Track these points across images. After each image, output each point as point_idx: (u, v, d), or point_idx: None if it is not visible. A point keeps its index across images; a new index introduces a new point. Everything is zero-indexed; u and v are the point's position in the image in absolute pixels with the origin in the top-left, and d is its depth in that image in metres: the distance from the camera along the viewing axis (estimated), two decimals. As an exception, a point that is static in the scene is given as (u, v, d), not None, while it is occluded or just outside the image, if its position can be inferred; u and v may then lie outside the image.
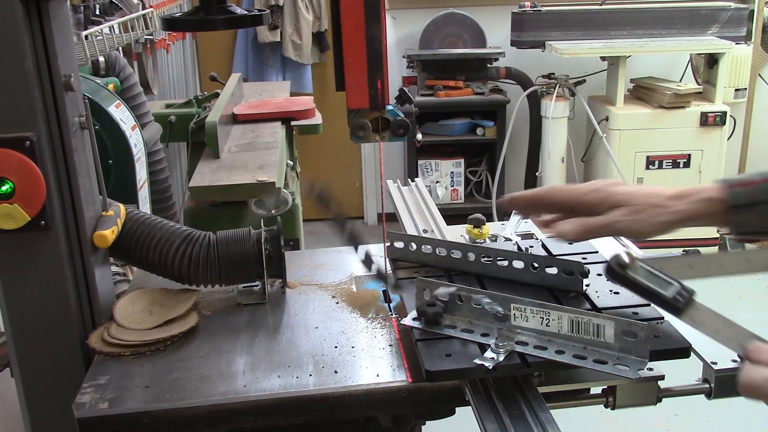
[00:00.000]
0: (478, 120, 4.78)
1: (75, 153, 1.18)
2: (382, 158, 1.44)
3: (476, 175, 5.04)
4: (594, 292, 1.25)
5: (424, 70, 4.73)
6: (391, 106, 1.20)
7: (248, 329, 1.26)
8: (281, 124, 2.83)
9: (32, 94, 1.11)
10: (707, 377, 1.10)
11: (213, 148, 2.42)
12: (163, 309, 1.29)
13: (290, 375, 1.11)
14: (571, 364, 1.05)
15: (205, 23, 1.31)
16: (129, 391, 1.09)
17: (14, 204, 1.12)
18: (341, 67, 1.15)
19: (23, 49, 1.09)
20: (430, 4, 4.93)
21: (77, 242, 1.21)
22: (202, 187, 2.18)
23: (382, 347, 1.18)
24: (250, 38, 5.05)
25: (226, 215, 2.32)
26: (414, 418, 1.21)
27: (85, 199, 1.21)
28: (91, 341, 1.21)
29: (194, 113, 2.86)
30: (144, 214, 1.35)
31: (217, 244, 1.32)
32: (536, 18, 4.49)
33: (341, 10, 1.12)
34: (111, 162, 2.07)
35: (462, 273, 1.35)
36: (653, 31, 4.49)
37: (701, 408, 3.06)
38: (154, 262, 1.32)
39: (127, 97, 2.45)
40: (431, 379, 1.06)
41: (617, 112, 4.38)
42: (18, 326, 1.21)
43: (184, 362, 1.16)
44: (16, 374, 1.23)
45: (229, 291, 1.40)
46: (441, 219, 1.64)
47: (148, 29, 2.81)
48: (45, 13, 1.12)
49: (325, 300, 1.36)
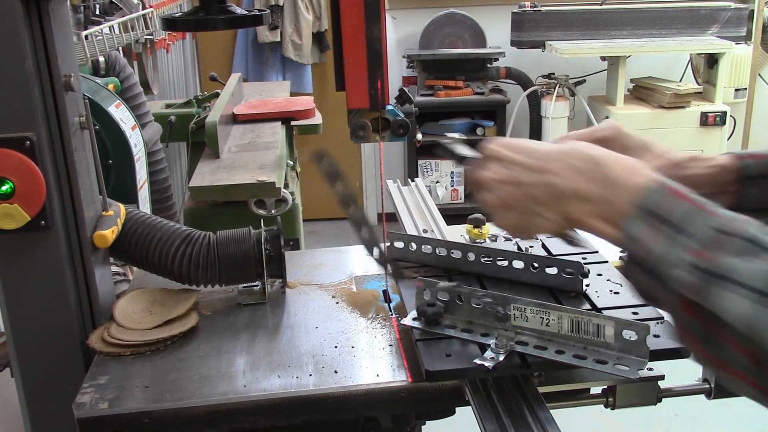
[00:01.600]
0: (478, 120, 4.78)
1: (75, 153, 1.18)
2: (382, 158, 1.44)
3: (476, 175, 5.04)
4: (594, 292, 1.25)
5: (424, 70, 4.73)
6: (391, 106, 1.20)
7: (248, 329, 1.26)
8: (281, 124, 2.83)
9: (32, 94, 1.11)
10: (707, 377, 1.10)
11: (213, 148, 2.42)
12: (163, 309, 1.29)
13: (290, 375, 1.11)
14: (571, 364, 1.04)
15: (205, 23, 1.31)
16: (129, 391, 1.09)
17: (14, 204, 1.12)
18: (341, 67, 1.15)
19: (23, 49, 1.09)
20: (430, 4, 4.93)
21: (77, 242, 1.21)
22: (202, 187, 2.18)
23: (382, 347, 1.18)
24: (250, 38, 5.05)
25: (226, 215, 2.32)
26: (414, 418, 1.21)
27: (85, 199, 1.21)
28: (91, 341, 1.21)
29: (194, 113, 2.86)
30: (144, 214, 1.35)
31: (217, 244, 1.32)
32: (536, 18, 4.49)
33: (341, 10, 1.12)
34: (111, 162, 2.07)
35: (462, 273, 1.35)
36: (653, 31, 4.49)
37: (701, 408, 3.06)
38: (154, 262, 1.32)
39: (127, 97, 2.45)
40: (431, 379, 1.06)
41: (617, 112, 4.38)
42: (18, 326, 1.21)
43: (184, 362, 1.16)
44: (16, 374, 1.23)
45: (229, 291, 1.40)
46: (441, 219, 1.64)
47: (148, 29, 2.81)
48: (45, 13, 1.12)
49: (325, 300, 1.36)
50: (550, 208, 0.91)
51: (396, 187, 1.86)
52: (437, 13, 4.85)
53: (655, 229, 0.78)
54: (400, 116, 1.20)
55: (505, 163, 0.95)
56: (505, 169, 0.95)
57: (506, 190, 0.94)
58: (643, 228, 0.79)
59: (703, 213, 0.76)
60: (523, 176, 0.93)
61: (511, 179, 0.94)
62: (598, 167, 0.87)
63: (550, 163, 0.91)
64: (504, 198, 0.95)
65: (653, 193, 0.81)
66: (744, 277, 0.68)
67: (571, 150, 0.91)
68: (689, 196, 0.79)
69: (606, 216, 0.85)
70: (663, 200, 0.79)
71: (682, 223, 0.76)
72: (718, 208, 0.77)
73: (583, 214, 0.88)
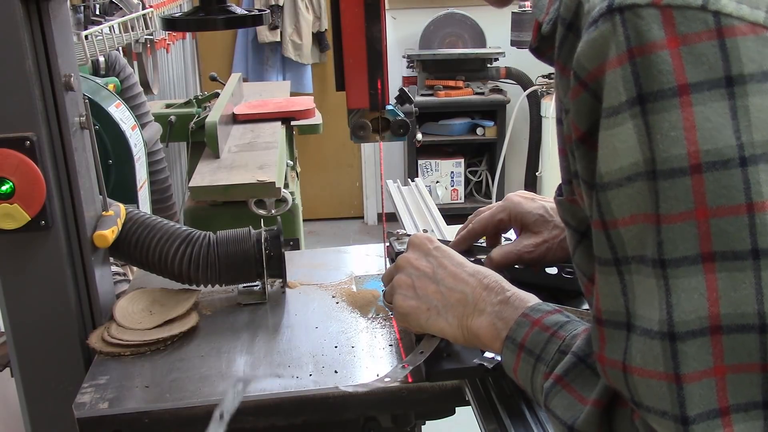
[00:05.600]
0: (478, 120, 4.78)
1: (75, 153, 1.18)
2: (382, 158, 1.44)
3: (476, 175, 5.04)
4: (594, 292, 1.25)
5: (424, 70, 4.73)
6: (391, 106, 1.20)
7: (248, 329, 1.26)
8: (281, 124, 2.83)
9: (32, 94, 1.11)
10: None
11: (213, 148, 2.42)
12: (163, 309, 1.29)
13: (290, 375, 1.11)
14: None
15: (205, 23, 1.31)
16: (129, 391, 1.09)
17: (14, 204, 1.12)
18: (341, 67, 1.15)
19: (23, 49, 1.09)
20: (430, 4, 4.94)
21: (77, 242, 1.21)
22: (202, 187, 2.18)
23: (382, 347, 1.18)
24: (250, 38, 5.06)
25: (226, 215, 2.32)
26: (414, 418, 1.21)
27: (85, 199, 1.21)
28: (91, 341, 1.21)
29: (194, 113, 2.86)
30: (144, 214, 1.35)
31: (217, 244, 1.32)
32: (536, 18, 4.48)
33: (341, 10, 1.12)
34: (111, 162, 2.07)
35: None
36: (653, 31, 4.48)
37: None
38: (154, 262, 1.32)
39: (127, 97, 2.45)
40: (431, 379, 1.06)
41: (617, 112, 4.38)
42: (18, 326, 1.21)
43: (184, 362, 1.16)
44: (16, 374, 1.23)
45: (229, 291, 1.40)
46: (441, 219, 1.64)
47: (148, 29, 2.81)
48: (45, 13, 1.12)
49: (325, 300, 1.36)
50: (454, 313, 1.00)
51: (396, 187, 1.86)
52: (437, 13, 4.85)
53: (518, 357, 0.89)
54: (400, 116, 1.20)
55: (432, 259, 1.05)
56: (428, 263, 1.04)
57: (421, 281, 1.03)
58: (509, 356, 0.90)
59: (555, 339, 0.85)
60: (444, 278, 1.02)
61: (431, 274, 1.03)
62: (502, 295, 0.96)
63: (469, 277, 1.01)
64: (416, 285, 1.03)
65: (519, 326, 0.90)
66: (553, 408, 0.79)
67: (488, 274, 1.01)
68: (546, 324, 0.88)
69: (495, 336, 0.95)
70: (527, 332, 0.89)
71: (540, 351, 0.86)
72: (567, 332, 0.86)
73: (480, 327, 0.96)
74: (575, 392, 0.76)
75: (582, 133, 0.68)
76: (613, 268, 0.66)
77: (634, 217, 0.62)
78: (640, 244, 0.63)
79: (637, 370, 0.63)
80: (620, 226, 0.64)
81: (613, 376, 0.67)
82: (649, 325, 0.62)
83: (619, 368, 0.66)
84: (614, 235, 0.65)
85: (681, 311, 0.60)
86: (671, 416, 0.61)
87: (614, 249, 0.65)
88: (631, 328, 0.64)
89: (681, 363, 0.60)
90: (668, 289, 0.61)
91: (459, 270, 1.02)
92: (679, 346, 0.60)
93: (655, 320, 0.61)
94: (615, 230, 0.65)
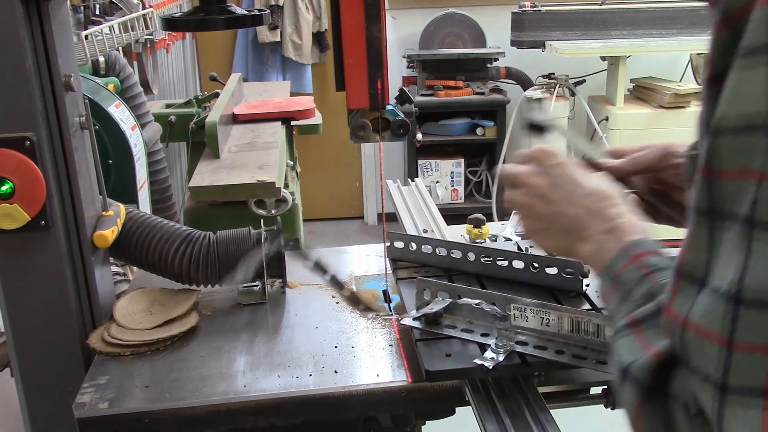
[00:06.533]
0: (478, 120, 4.78)
1: (75, 153, 1.18)
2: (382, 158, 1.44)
3: (476, 175, 5.04)
4: (594, 292, 1.25)
5: (424, 70, 4.73)
6: (391, 106, 1.20)
7: (248, 329, 1.26)
8: (281, 124, 2.83)
9: (32, 94, 1.11)
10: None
11: (213, 148, 2.42)
12: (163, 309, 1.29)
13: (290, 375, 1.11)
14: (571, 364, 1.05)
15: (205, 23, 1.31)
16: (129, 391, 1.09)
17: (14, 204, 1.12)
18: (341, 67, 1.15)
19: (23, 49, 1.09)
20: (430, 4, 4.93)
21: (77, 242, 1.21)
22: (202, 187, 2.18)
23: (382, 347, 1.18)
24: (250, 38, 5.05)
25: (226, 215, 2.31)
26: (414, 418, 1.21)
27: (85, 199, 1.21)
28: (91, 341, 1.21)
29: (194, 113, 2.86)
30: (144, 214, 1.35)
31: (217, 244, 1.32)
32: (536, 18, 4.49)
33: (341, 10, 1.12)
34: (111, 162, 2.07)
35: (462, 273, 1.35)
36: (653, 31, 4.48)
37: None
38: (154, 262, 1.32)
39: (127, 97, 2.45)
40: (431, 379, 1.06)
41: (617, 112, 4.38)
42: (18, 326, 1.21)
43: (184, 362, 1.16)
44: (16, 374, 1.23)
45: (229, 291, 1.40)
46: (441, 219, 1.64)
47: (148, 29, 2.81)
48: (45, 13, 1.12)
49: (325, 300, 1.36)
50: (564, 238, 0.97)
51: (396, 187, 1.86)
52: (437, 13, 4.85)
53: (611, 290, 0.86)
54: (400, 116, 1.20)
55: (547, 177, 1.01)
56: (543, 181, 1.00)
57: (533, 200, 1.00)
58: (605, 284, 0.87)
59: (647, 280, 0.81)
60: (556, 201, 0.99)
61: (544, 193, 1.00)
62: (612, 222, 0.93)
63: (582, 199, 0.97)
64: (529, 203, 1.01)
65: (618, 257, 0.87)
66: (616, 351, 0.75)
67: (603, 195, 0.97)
68: (644, 263, 0.84)
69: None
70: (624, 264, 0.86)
71: (629, 289, 0.83)
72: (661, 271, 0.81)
73: (585, 255, 0.94)
74: (645, 339, 0.72)
75: (714, 74, 0.62)
76: (706, 220, 0.60)
77: (743, 171, 0.56)
78: (740, 201, 0.57)
79: (694, 327, 0.60)
80: (725, 177, 0.58)
81: (672, 329, 0.63)
82: (719, 282, 0.58)
83: (679, 322, 0.62)
84: (717, 186, 0.59)
85: (754, 276, 0.55)
86: (712, 381, 0.57)
87: (713, 200, 0.60)
88: (704, 284, 0.60)
89: (737, 328, 0.56)
90: (749, 250, 0.56)
91: (573, 190, 0.98)
92: (742, 311, 0.56)
93: (727, 280, 0.57)
94: (720, 180, 0.59)
